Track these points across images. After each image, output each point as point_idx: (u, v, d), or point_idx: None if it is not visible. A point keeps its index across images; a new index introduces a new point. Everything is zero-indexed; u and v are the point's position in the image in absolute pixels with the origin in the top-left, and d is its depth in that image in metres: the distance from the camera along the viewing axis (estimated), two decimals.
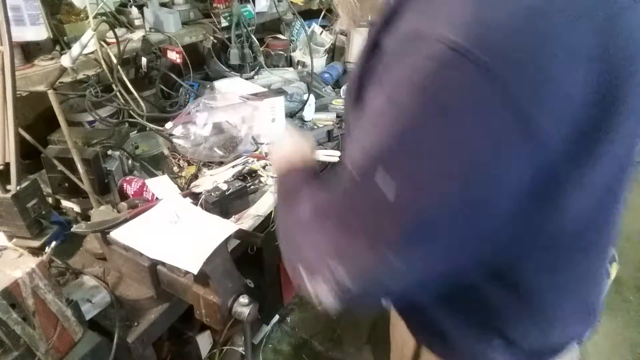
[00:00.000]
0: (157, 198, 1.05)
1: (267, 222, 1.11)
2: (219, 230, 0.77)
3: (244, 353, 1.47)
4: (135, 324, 0.79)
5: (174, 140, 1.22)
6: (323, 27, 2.14)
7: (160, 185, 1.09)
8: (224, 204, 1.03)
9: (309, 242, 0.47)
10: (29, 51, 1.11)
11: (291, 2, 1.97)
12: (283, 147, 0.71)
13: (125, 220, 0.80)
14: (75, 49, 0.99)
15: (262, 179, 1.17)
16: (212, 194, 1.02)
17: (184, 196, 1.01)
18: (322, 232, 0.46)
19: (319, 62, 1.95)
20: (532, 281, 0.56)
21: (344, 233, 0.43)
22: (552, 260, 0.55)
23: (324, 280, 0.43)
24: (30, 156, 1.08)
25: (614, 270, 1.80)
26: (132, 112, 1.25)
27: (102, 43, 1.22)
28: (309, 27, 2.05)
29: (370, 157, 0.41)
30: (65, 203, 1.05)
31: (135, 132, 1.39)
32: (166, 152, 1.27)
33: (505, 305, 0.58)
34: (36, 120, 1.20)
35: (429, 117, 0.38)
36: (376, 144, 0.41)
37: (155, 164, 1.23)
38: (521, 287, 0.57)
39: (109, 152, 1.11)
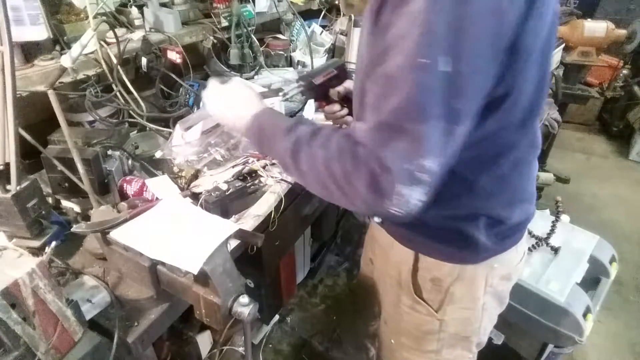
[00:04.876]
0: (157, 198, 1.05)
1: (267, 222, 1.11)
2: (219, 230, 0.77)
3: (244, 353, 1.47)
4: (135, 324, 0.79)
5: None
6: (323, 27, 2.13)
7: (160, 185, 1.09)
8: (224, 204, 1.03)
9: (391, 157, 0.55)
10: (29, 51, 1.11)
11: (291, 2, 1.97)
12: (226, 98, 0.85)
13: (125, 220, 0.80)
14: (75, 49, 0.99)
15: (262, 179, 1.17)
16: (212, 194, 1.02)
17: (184, 196, 1.02)
18: (400, 139, 0.55)
19: (319, 62, 1.95)
20: (505, 168, 0.73)
21: (420, 123, 0.54)
22: (515, 145, 0.72)
23: (418, 183, 0.55)
24: (30, 156, 1.08)
25: (614, 270, 1.80)
26: (132, 112, 1.25)
27: (102, 43, 1.22)
28: (309, 27, 2.04)
29: (420, 49, 0.52)
30: (65, 203, 1.05)
31: (135, 132, 1.39)
32: None
33: (490, 189, 0.75)
34: (36, 120, 1.20)
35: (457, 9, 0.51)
36: (418, 39, 0.52)
37: (155, 164, 1.23)
38: (499, 174, 0.74)
39: (109, 152, 1.11)
